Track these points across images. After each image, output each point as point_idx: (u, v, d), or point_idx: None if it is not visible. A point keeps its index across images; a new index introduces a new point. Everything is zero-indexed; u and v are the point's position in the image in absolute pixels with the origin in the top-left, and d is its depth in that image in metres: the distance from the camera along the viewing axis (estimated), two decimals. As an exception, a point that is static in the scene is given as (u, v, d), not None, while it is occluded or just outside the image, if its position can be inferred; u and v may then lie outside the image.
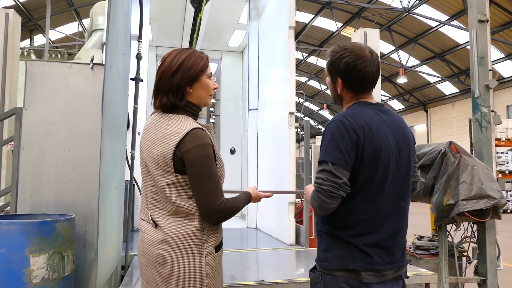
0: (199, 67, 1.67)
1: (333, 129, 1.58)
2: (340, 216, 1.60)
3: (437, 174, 3.57)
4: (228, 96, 8.31)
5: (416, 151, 3.83)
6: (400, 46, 20.72)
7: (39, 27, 19.03)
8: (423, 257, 3.95)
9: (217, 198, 1.60)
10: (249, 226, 5.51)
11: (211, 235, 1.65)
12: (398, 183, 1.63)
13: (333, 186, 1.51)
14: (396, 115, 1.76)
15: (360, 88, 1.70)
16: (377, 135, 1.59)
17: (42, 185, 3.26)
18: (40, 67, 3.40)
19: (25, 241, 2.52)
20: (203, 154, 1.59)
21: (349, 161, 1.54)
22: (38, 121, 3.32)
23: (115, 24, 2.68)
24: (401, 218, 1.66)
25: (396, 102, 28.35)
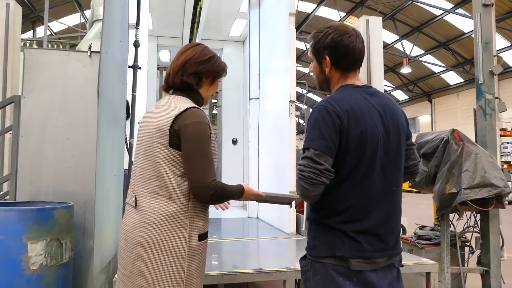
0: (221, 70, 1.82)
1: (316, 115, 1.53)
2: (328, 203, 1.56)
3: (439, 163, 3.53)
4: (230, 86, 8.25)
5: (418, 139, 3.83)
6: (404, 36, 20.51)
7: (41, 18, 18.96)
8: (424, 247, 3.93)
9: (210, 176, 1.60)
10: (250, 216, 5.50)
11: (196, 221, 1.64)
12: (388, 168, 1.58)
13: (314, 172, 1.46)
14: (385, 97, 1.69)
15: (348, 65, 1.64)
16: (363, 119, 1.53)
17: (41, 173, 3.26)
18: (38, 55, 3.37)
19: (23, 228, 2.52)
20: (200, 131, 1.62)
21: (332, 147, 1.49)
22: (36, 109, 3.30)
23: (112, 11, 2.64)
24: (392, 203, 1.60)
25: (400, 93, 28.17)
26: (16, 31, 6.53)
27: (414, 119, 27.92)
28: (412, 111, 27.84)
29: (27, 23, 19.03)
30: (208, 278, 2.38)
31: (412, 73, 23.60)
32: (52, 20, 19.02)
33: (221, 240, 3.67)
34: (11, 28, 6.33)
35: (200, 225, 1.66)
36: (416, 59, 21.40)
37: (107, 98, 2.65)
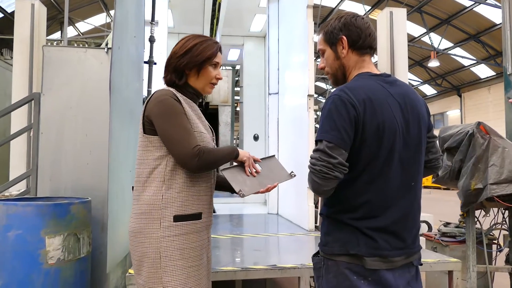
0: (206, 55, 1.73)
1: (330, 105, 1.43)
2: (342, 199, 1.48)
3: (464, 157, 3.38)
4: (251, 82, 8.22)
5: (442, 133, 3.68)
6: (432, 28, 19.89)
7: (69, 19, 19.45)
8: (449, 244, 3.78)
9: (191, 143, 1.57)
10: (270, 212, 5.46)
11: (171, 202, 1.63)
12: (406, 162, 1.47)
13: (327, 166, 1.37)
14: (405, 86, 1.57)
15: (365, 45, 1.55)
16: (380, 109, 1.43)
17: (60, 169, 3.33)
18: (57, 53, 3.44)
19: (41, 223, 2.57)
20: (165, 106, 1.61)
21: (346, 139, 1.39)
22: (56, 106, 3.37)
23: (124, 7, 2.65)
24: (411, 200, 1.49)
25: (428, 87, 27.41)
26: (41, 30, 6.71)
27: (442, 114, 27.13)
28: (441, 105, 27.05)
29: (55, 24, 19.56)
30: (221, 274, 2.36)
31: (441, 67, 22.89)
32: (79, 20, 19.50)
33: (239, 236, 3.65)
34: (36, 28, 6.51)
35: (177, 206, 1.63)
36: (445, 52, 20.73)
37: (121, 94, 2.66)
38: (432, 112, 28.16)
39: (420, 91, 28.51)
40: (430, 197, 10.56)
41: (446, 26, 19.32)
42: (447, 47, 21.08)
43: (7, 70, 7.87)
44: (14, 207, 2.57)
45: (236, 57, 10.00)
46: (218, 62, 1.77)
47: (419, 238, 1.55)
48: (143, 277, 1.62)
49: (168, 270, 1.59)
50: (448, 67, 23.55)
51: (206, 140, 1.71)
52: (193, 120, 1.68)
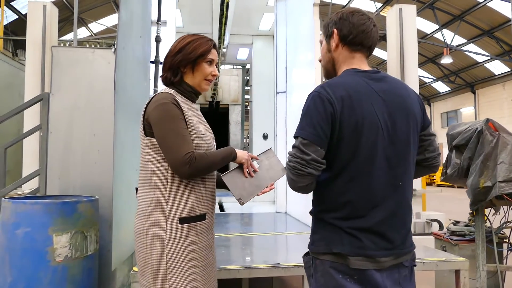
0: (199, 52, 1.74)
1: (309, 102, 1.43)
2: (325, 198, 1.45)
3: (472, 155, 3.33)
4: (260, 81, 8.21)
5: (451, 130, 3.63)
6: (444, 25, 19.62)
7: (82, 20, 19.71)
8: (458, 243, 3.74)
9: (183, 150, 1.57)
10: (279, 211, 5.46)
11: (176, 204, 1.64)
12: (394, 161, 1.43)
13: (300, 163, 1.38)
14: (394, 82, 1.53)
15: (356, 40, 1.51)
16: (360, 106, 1.40)
17: (69, 168, 3.38)
18: (65, 53, 3.49)
19: (48, 221, 2.62)
20: (163, 111, 1.62)
21: (322, 136, 1.38)
22: (64, 106, 3.42)
23: (128, 7, 2.67)
24: (398, 199, 1.45)
25: (441, 84, 27.05)
26: (52, 31, 6.83)
27: (456, 111, 26.76)
28: (454, 103, 26.67)
29: (68, 25, 19.80)
30: (225, 272, 2.37)
31: (454, 64, 22.56)
32: (91, 21, 19.72)
33: (246, 235, 3.66)
34: (47, 29, 6.64)
35: (181, 208, 1.64)
36: (458, 48, 20.42)
37: (127, 94, 2.69)
38: (445, 109, 27.87)
39: (433, 88, 28.15)
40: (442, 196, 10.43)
41: (459, 22, 19.04)
42: (460, 44, 20.77)
43: (21, 70, 8.01)
44: (22, 205, 2.62)
45: (245, 56, 10.01)
46: (213, 59, 1.79)
47: (410, 239, 1.51)
48: (147, 278, 1.63)
49: (175, 272, 1.60)
50: (462, 63, 23.20)
51: (207, 141, 1.72)
52: (193, 122, 1.69)
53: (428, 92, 28.98)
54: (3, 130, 8.86)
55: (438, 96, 28.44)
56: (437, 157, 1.66)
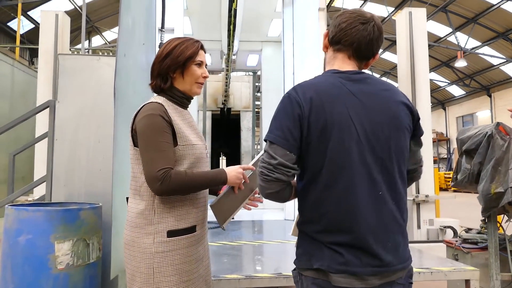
0: (188, 55, 1.70)
1: (280, 104, 1.37)
2: (304, 208, 1.38)
3: (483, 160, 3.24)
4: (270, 87, 8.20)
5: (460, 134, 3.54)
6: (458, 28, 19.35)
7: (96, 28, 20.04)
8: (470, 251, 3.62)
9: (157, 166, 1.52)
10: (287, 218, 5.40)
11: (164, 217, 1.60)
12: (372, 168, 1.32)
13: (267, 168, 1.30)
14: (377, 84, 1.42)
15: (335, 39, 1.43)
16: (330, 108, 1.30)
17: (74, 175, 3.39)
18: (72, 61, 3.51)
19: (50, 228, 2.61)
20: (147, 123, 1.58)
21: (290, 139, 1.30)
22: (70, 113, 3.44)
23: (129, 14, 2.68)
24: (380, 211, 1.32)
25: (456, 88, 26.64)
26: (64, 39, 6.94)
27: (472, 115, 26.31)
28: (470, 106, 26.24)
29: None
30: (225, 282, 2.33)
31: (468, 67, 22.21)
32: (106, 29, 20.02)
33: (251, 243, 3.61)
34: (60, 37, 6.74)
35: (170, 221, 1.60)
36: (472, 51, 20.11)
37: (128, 101, 2.68)
38: (461, 113, 27.42)
39: (447, 92, 27.76)
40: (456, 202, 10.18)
41: (472, 25, 18.76)
42: (475, 46, 20.45)
43: (36, 78, 8.15)
44: (25, 212, 2.63)
45: (255, 63, 10.01)
46: (202, 61, 1.74)
47: (404, 253, 1.37)
48: None
49: (162, 286, 1.56)
50: (476, 66, 22.84)
51: (198, 151, 1.68)
52: (183, 133, 1.64)
53: (443, 96, 28.58)
54: (18, 137, 9.04)
55: (453, 100, 28.02)
56: (418, 169, 1.56)
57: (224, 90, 12.59)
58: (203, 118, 12.77)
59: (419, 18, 6.34)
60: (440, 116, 29.40)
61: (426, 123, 5.79)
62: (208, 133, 13.06)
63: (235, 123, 13.98)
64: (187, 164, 1.63)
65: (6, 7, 15.30)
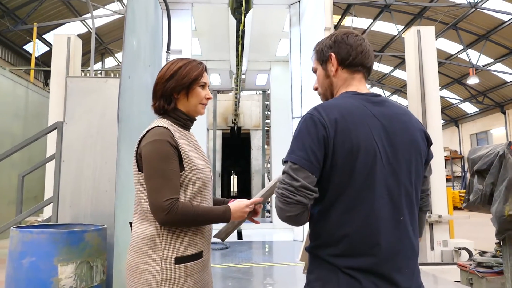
0: (193, 76, 1.69)
1: (301, 124, 1.34)
2: (321, 231, 1.33)
3: (495, 180, 3.15)
4: (279, 106, 8.22)
5: (471, 154, 3.46)
6: (469, 45, 19.26)
7: (109, 50, 20.47)
8: (485, 276, 3.49)
9: (164, 195, 1.49)
10: (296, 239, 5.31)
11: (172, 243, 1.55)
12: (395, 192, 1.30)
13: (289, 189, 1.26)
14: (395, 108, 1.42)
15: (355, 62, 1.43)
16: (355, 130, 1.29)
17: (80, 196, 3.39)
18: (79, 83, 3.56)
19: (54, 250, 2.59)
20: (154, 149, 1.54)
21: (314, 161, 1.27)
22: (77, 135, 3.46)
23: (136, 36, 2.71)
24: (400, 236, 1.30)
25: (469, 105, 26.36)
26: (76, 62, 7.08)
27: (486, 133, 25.91)
28: (484, 124, 25.86)
29: (96, 55, 20.59)
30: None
31: (481, 84, 22.01)
32: (118, 51, 20.43)
33: (259, 265, 3.54)
34: (71, 60, 6.89)
35: (178, 247, 1.56)
36: (484, 68, 19.95)
37: (133, 122, 2.69)
38: (475, 131, 27.07)
39: (460, 109, 27.47)
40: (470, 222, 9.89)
41: (484, 42, 18.66)
42: (487, 63, 20.30)
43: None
44: (29, 235, 2.62)
45: (264, 82, 10.08)
46: (206, 83, 1.73)
47: (417, 281, 1.35)
48: None
49: None
50: (489, 83, 22.61)
51: (204, 176, 1.65)
52: (189, 158, 1.61)
53: (456, 113, 28.28)
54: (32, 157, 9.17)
55: (466, 117, 27.69)
56: (425, 198, 1.53)
57: (234, 109, 12.66)
58: (213, 137, 12.81)
59: (427, 36, 6.32)
60: (454, 134, 29.03)
61: (437, 141, 5.70)
62: (218, 151, 13.09)
63: (245, 141, 14.00)
64: (194, 188, 1.61)
65: (22, 31, 15.76)
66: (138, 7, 2.76)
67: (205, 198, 1.68)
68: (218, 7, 6.01)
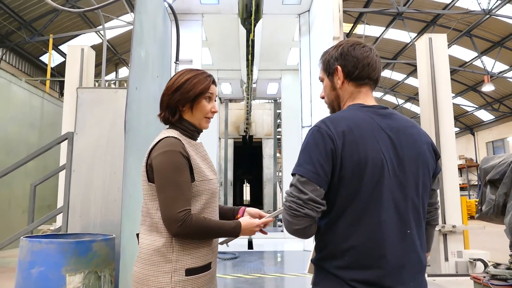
0: (199, 90, 1.68)
1: (309, 137, 1.34)
2: (326, 243, 1.32)
3: (508, 190, 3.08)
4: (289, 115, 8.21)
5: (484, 163, 3.40)
6: (484, 52, 19.03)
7: (123, 60, 20.79)
8: (500, 288, 3.40)
9: (178, 207, 1.48)
10: (306, 249, 5.26)
11: (182, 255, 1.54)
12: (401, 205, 1.30)
13: (297, 202, 1.26)
14: (402, 120, 1.41)
15: (362, 75, 1.43)
16: (363, 142, 1.29)
17: (90, 206, 3.42)
18: (90, 94, 3.61)
19: (62, 260, 2.61)
20: (167, 160, 1.53)
21: (322, 174, 1.27)
22: (87, 145, 3.51)
23: (144, 47, 2.74)
24: (407, 250, 1.29)
25: (484, 113, 25.96)
26: (89, 72, 7.20)
27: (503, 140, 25.44)
28: (500, 131, 25.41)
29: (110, 65, 20.94)
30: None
31: (496, 91, 21.68)
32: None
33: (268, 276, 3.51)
34: (84, 70, 7.01)
35: (188, 259, 1.55)
36: (500, 75, 19.66)
37: (140, 133, 2.71)
38: (491, 138, 26.60)
39: (475, 117, 27.07)
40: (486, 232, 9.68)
41: (499, 49, 18.42)
42: (502, 70, 20.00)
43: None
44: (38, 244, 2.65)
45: (275, 91, 10.11)
46: (213, 94, 1.72)
47: None
48: None
49: None
50: (505, 90, 22.26)
51: (213, 186, 1.66)
52: (199, 168, 1.61)
53: (471, 121, 27.86)
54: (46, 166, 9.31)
55: (482, 125, 27.26)
56: (433, 211, 1.51)
57: (246, 118, 12.70)
58: (225, 146, 12.84)
59: (439, 44, 6.25)
60: (469, 142, 28.58)
61: (450, 150, 5.61)
62: (230, 160, 13.11)
63: (257, 150, 14.00)
64: (203, 199, 1.61)
65: (38, 43, 16.15)
66: (146, 19, 2.80)
67: (213, 209, 1.68)
68: (228, 17, 6.06)
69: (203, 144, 1.80)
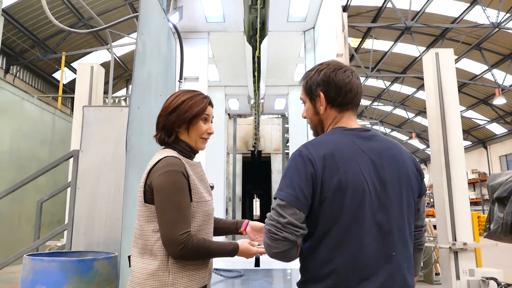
0: (195, 112, 1.69)
1: (291, 161, 1.35)
2: (308, 267, 1.33)
3: (516, 208, 3.01)
4: (297, 131, 8.18)
5: (491, 180, 3.34)
6: (494, 65, 18.88)
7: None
8: (511, 309, 3.30)
9: (179, 228, 1.47)
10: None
11: (179, 278, 1.52)
12: (385, 227, 1.29)
13: (276, 226, 1.27)
14: (385, 142, 1.43)
15: (344, 101, 1.45)
16: (344, 166, 1.30)
17: (94, 224, 3.44)
18: (95, 112, 3.66)
19: (64, 279, 2.62)
20: (169, 181, 1.51)
21: (301, 198, 1.28)
22: (92, 163, 3.55)
23: (147, 66, 2.78)
24: (391, 272, 1.28)
25: (497, 126, 25.62)
26: (98, 90, 7.32)
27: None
28: (513, 145, 25.06)
29: (121, 82, 21.26)
30: None
31: (508, 104, 21.42)
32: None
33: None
34: (94, 88, 7.12)
35: (184, 282, 1.53)
36: (511, 88, 19.46)
37: (142, 152, 2.73)
38: (504, 152, 26.18)
39: (488, 130, 26.73)
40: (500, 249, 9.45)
41: (510, 62, 18.28)
42: (514, 83, 19.81)
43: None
44: (40, 263, 2.66)
45: (283, 106, 10.11)
46: (209, 115, 1.73)
47: None
48: None
49: None
50: (517, 104, 22.00)
51: (210, 208, 1.65)
52: (198, 189, 1.60)
53: (483, 134, 27.51)
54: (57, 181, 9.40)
55: (494, 139, 26.88)
56: (418, 234, 1.50)
57: (254, 133, 12.73)
58: (233, 161, 12.86)
59: (446, 58, 6.22)
60: (482, 156, 28.16)
61: (459, 165, 5.51)
62: (238, 175, 13.09)
63: (266, 165, 13.98)
64: (199, 221, 1.60)
65: (51, 60, 16.49)
66: (149, 39, 2.84)
67: (208, 230, 1.66)
68: (234, 34, 6.12)
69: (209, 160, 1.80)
